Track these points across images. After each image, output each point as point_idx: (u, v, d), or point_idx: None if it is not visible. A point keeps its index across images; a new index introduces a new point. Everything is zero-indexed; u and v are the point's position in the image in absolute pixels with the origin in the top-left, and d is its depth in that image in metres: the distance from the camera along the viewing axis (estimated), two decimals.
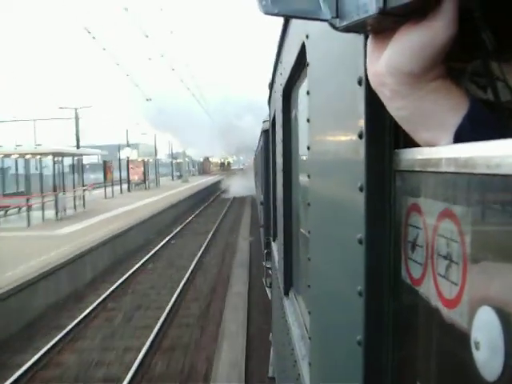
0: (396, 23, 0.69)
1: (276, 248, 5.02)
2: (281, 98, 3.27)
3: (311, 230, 1.76)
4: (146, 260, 18.30)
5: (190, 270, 15.93)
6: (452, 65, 0.77)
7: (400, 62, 0.69)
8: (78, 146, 38.10)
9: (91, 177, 61.16)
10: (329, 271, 1.45)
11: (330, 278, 1.43)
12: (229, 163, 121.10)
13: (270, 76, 4.59)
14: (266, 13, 0.77)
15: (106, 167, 38.62)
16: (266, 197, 8.73)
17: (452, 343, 0.75)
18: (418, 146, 0.78)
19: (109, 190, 37.45)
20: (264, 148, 9.20)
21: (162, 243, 21.67)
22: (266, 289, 8.33)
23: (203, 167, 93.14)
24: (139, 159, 50.42)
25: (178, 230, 26.11)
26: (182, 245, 22.03)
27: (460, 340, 0.67)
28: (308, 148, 1.72)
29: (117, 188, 41.42)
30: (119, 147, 51.10)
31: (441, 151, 0.70)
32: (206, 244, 21.24)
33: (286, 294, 3.37)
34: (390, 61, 0.71)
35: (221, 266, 17.44)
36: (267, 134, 7.90)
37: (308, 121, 1.71)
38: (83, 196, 27.95)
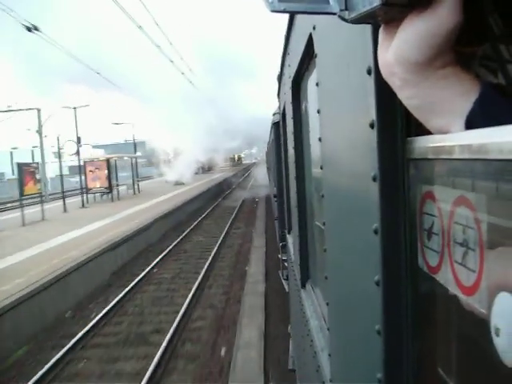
0: (402, 13, 0.69)
1: (291, 240, 5.02)
2: (290, 90, 3.26)
3: (326, 222, 1.76)
4: None
5: None
6: (461, 49, 0.76)
7: (407, 52, 0.70)
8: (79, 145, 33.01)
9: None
10: (345, 262, 1.45)
11: (346, 269, 1.43)
12: (239, 158, 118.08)
13: (279, 68, 4.58)
14: (273, 11, 0.77)
15: (22, 173, 22.54)
16: (280, 189, 8.73)
17: (471, 330, 0.75)
18: (430, 133, 0.78)
19: (51, 206, 27.74)
20: (275, 140, 9.18)
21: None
22: (283, 281, 8.34)
23: (208, 164, 76.87)
24: (101, 158, 35.13)
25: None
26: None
27: (479, 327, 0.67)
28: (319, 139, 1.72)
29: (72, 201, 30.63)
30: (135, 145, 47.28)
31: (453, 138, 0.70)
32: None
33: (303, 285, 3.38)
34: (398, 50, 0.71)
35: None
36: (278, 127, 7.89)
37: (318, 112, 1.70)
38: None
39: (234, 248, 19.51)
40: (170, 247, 19.67)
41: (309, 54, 2.14)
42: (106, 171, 32.81)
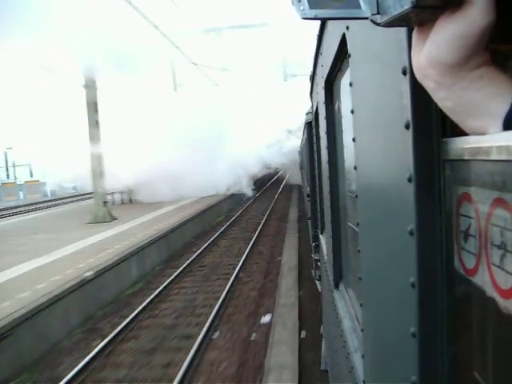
0: (434, 15, 0.68)
1: (324, 241, 5.00)
2: (323, 90, 3.24)
3: (360, 222, 1.75)
4: None
5: None
6: (497, 48, 0.75)
7: (440, 54, 0.69)
8: None
9: None
10: (380, 263, 1.44)
11: (381, 270, 1.43)
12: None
13: (311, 68, 4.56)
14: (304, 18, 0.77)
15: None
16: (313, 189, 8.69)
17: (509, 334, 0.74)
18: (466, 134, 0.77)
19: None
20: (308, 140, 9.15)
21: None
22: (316, 281, 8.32)
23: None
24: None
25: None
26: None
27: None
28: (353, 140, 1.71)
29: None
30: None
31: (490, 139, 0.69)
32: None
33: (336, 286, 3.36)
34: (430, 53, 0.71)
35: None
36: (311, 127, 7.86)
37: (352, 112, 1.70)
38: None
39: None
40: None
41: (342, 54, 2.13)
42: None
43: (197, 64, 33.07)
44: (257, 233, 22.04)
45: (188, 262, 16.97)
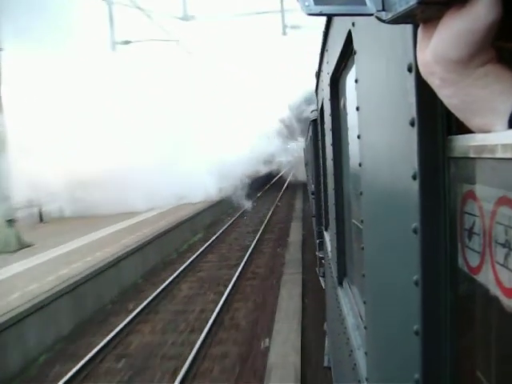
0: (440, 11, 0.68)
1: (328, 238, 5.00)
2: (328, 87, 3.23)
3: (364, 220, 1.75)
4: None
5: None
6: (503, 45, 0.75)
7: (445, 50, 0.69)
8: None
9: None
10: (384, 261, 1.44)
11: (385, 268, 1.42)
12: None
13: (317, 65, 4.55)
14: (310, 14, 0.77)
15: None
16: (317, 186, 8.69)
17: None
18: (471, 132, 0.76)
19: None
20: (313, 137, 9.13)
21: None
22: (320, 278, 8.32)
23: None
24: None
25: None
26: None
27: None
28: (358, 137, 1.71)
29: None
30: None
31: (496, 137, 0.69)
32: None
33: (340, 283, 3.36)
34: (436, 49, 0.71)
35: None
36: (316, 124, 7.84)
37: (357, 109, 1.69)
38: None
39: None
40: None
41: (348, 51, 2.12)
42: None
43: (145, 10, 22.58)
44: (239, 270, 14.30)
45: (105, 341, 9.29)
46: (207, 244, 19.20)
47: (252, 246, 18.09)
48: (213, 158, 28.08)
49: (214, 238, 20.62)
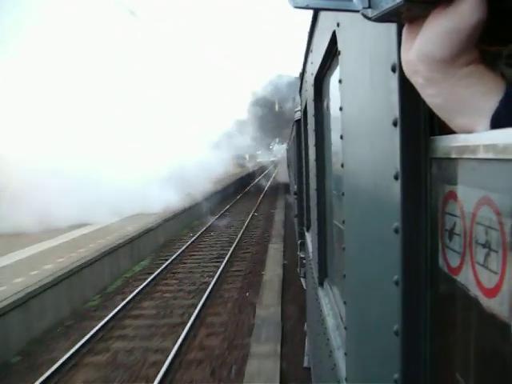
0: (426, 10, 0.68)
1: (310, 238, 5.01)
2: (312, 88, 3.24)
3: (346, 220, 1.75)
4: None
5: None
6: (486, 48, 0.75)
7: (430, 49, 0.69)
8: None
9: None
10: (364, 261, 1.44)
11: (365, 268, 1.43)
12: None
13: (301, 65, 4.56)
14: (296, 7, 0.77)
15: None
16: (300, 187, 8.71)
17: (492, 333, 0.74)
18: (453, 132, 0.76)
19: None
20: (296, 138, 9.15)
21: None
22: (301, 279, 8.33)
23: None
24: None
25: None
26: None
27: (500, 329, 0.66)
28: (341, 137, 1.71)
29: None
30: None
31: (478, 137, 0.69)
32: None
33: (321, 284, 3.37)
34: (421, 48, 0.71)
35: None
36: (299, 124, 7.86)
37: (341, 109, 1.69)
38: None
39: None
40: None
41: (332, 52, 2.13)
42: None
43: None
44: (179, 342, 8.87)
45: None
46: (149, 279, 13.79)
47: (211, 285, 12.73)
48: (172, 160, 24.02)
49: (161, 268, 15.12)
